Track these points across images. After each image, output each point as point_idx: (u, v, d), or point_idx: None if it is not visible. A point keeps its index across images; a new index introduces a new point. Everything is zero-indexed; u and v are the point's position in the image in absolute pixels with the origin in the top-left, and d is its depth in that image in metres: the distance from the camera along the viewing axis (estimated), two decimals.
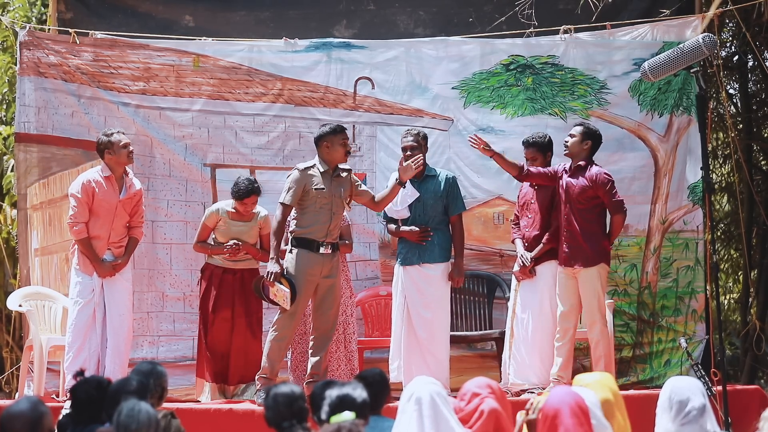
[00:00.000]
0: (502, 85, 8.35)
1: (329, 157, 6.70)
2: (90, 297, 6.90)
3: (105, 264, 6.92)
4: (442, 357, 6.94)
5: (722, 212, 11.82)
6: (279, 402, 3.99)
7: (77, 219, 6.90)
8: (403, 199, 7.01)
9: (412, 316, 6.95)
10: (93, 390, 4.28)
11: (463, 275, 7.04)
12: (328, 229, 6.66)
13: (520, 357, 7.05)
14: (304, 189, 6.61)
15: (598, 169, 6.95)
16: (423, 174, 7.03)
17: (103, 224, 6.94)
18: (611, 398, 4.37)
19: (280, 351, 6.64)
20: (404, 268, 7.03)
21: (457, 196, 7.09)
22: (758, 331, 8.84)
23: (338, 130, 6.73)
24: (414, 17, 8.74)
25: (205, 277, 7.26)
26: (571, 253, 6.90)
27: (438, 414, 4.12)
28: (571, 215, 6.92)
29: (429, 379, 4.29)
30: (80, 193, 6.89)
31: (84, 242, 6.90)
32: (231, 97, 8.36)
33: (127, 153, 6.91)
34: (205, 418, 6.55)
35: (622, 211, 6.93)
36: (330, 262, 6.68)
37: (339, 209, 6.73)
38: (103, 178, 6.92)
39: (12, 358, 9.87)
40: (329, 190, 6.65)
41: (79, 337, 6.87)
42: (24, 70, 8.13)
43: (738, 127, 10.51)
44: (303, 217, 6.66)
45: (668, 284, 8.15)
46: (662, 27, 8.26)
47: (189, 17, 8.70)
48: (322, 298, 6.68)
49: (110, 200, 6.93)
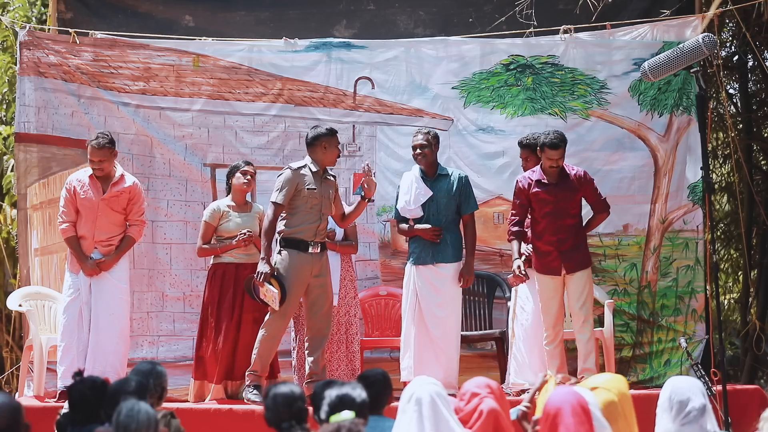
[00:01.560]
0: (502, 85, 8.35)
1: (323, 158, 6.73)
2: (76, 295, 6.93)
3: (89, 262, 6.95)
4: (454, 356, 6.97)
5: (722, 212, 11.82)
6: (279, 402, 3.98)
7: (63, 218, 7.04)
8: (416, 198, 7.04)
9: (425, 315, 6.96)
10: (88, 390, 4.27)
11: (473, 274, 7.06)
12: (317, 230, 6.69)
13: (521, 357, 7.07)
14: (296, 189, 6.63)
15: (579, 170, 6.98)
16: (435, 173, 7.07)
17: (86, 223, 7.00)
18: (615, 400, 4.36)
19: (270, 350, 6.68)
20: (417, 267, 7.04)
21: (469, 195, 7.11)
22: (758, 331, 8.84)
23: (334, 133, 6.81)
24: (414, 17, 8.74)
25: (218, 276, 7.17)
26: (566, 258, 6.88)
27: (438, 414, 4.11)
28: (562, 222, 6.91)
29: (429, 380, 4.29)
30: (65, 192, 7.04)
31: (70, 241, 6.99)
32: (231, 97, 8.36)
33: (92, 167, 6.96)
34: (205, 418, 6.56)
35: (608, 210, 7.03)
36: (320, 262, 6.70)
37: (328, 210, 6.78)
38: (88, 177, 7.02)
39: (12, 358, 9.87)
40: (320, 191, 6.68)
41: (66, 335, 6.92)
42: (24, 70, 8.13)
43: (738, 127, 10.51)
44: (293, 217, 6.68)
45: (668, 284, 8.15)
46: (662, 27, 8.26)
47: (189, 17, 8.69)
48: (314, 298, 6.69)
49: (92, 199, 6.98)
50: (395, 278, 8.07)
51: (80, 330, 6.91)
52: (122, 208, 7.06)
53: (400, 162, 8.19)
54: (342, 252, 7.25)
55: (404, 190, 7.16)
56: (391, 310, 7.88)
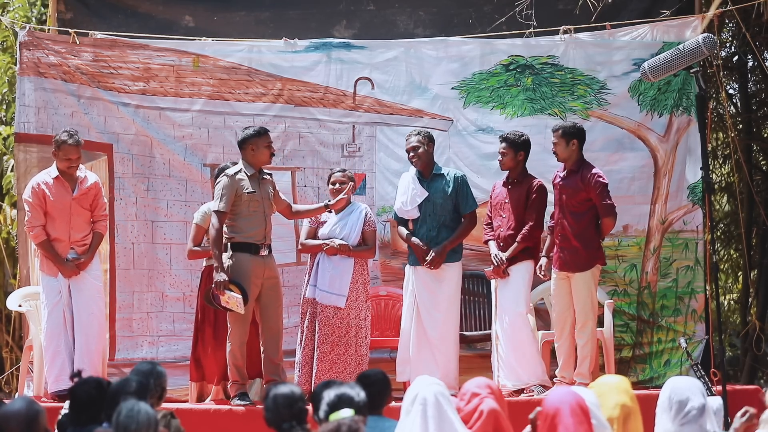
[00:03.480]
0: (501, 85, 8.35)
1: (254, 160, 6.78)
2: (58, 299, 6.93)
3: (68, 264, 6.95)
4: (451, 357, 6.98)
5: (722, 212, 11.82)
6: (279, 403, 3.98)
7: (33, 223, 6.97)
8: (412, 199, 7.08)
9: (422, 315, 6.98)
10: (93, 390, 4.28)
11: (442, 258, 7.03)
12: (265, 232, 6.75)
13: (506, 357, 7.05)
14: (236, 194, 6.66)
15: (593, 170, 6.96)
16: (431, 173, 7.12)
17: (60, 225, 6.98)
18: (629, 403, 4.36)
19: (242, 356, 6.72)
20: (415, 268, 7.07)
21: (466, 194, 7.14)
22: (758, 331, 8.85)
23: (262, 132, 6.82)
24: (414, 17, 8.74)
25: (211, 278, 7.15)
26: (565, 257, 6.92)
27: (442, 414, 4.12)
28: (564, 219, 6.95)
29: (432, 380, 4.29)
30: (31, 197, 6.96)
31: (44, 245, 6.94)
32: (231, 97, 8.36)
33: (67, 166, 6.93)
34: (205, 418, 6.56)
35: (612, 215, 6.96)
36: (270, 263, 6.78)
37: (270, 210, 6.83)
38: (53, 179, 6.97)
39: (12, 358, 9.88)
40: (260, 193, 6.74)
41: (53, 341, 6.90)
42: (24, 70, 8.12)
43: (738, 127, 10.52)
44: (238, 222, 6.71)
45: (668, 284, 8.15)
46: (662, 27, 8.26)
47: (189, 17, 8.69)
48: (267, 300, 6.75)
49: (63, 200, 6.97)
50: (395, 278, 8.08)
51: (66, 333, 6.91)
52: (89, 205, 7.09)
53: (400, 162, 8.19)
54: (359, 257, 7.18)
55: (401, 190, 7.20)
56: (391, 310, 7.88)
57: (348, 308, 7.06)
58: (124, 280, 8.12)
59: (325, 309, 7.05)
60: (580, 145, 7.02)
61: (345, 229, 7.16)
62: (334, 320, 7.03)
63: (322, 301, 7.05)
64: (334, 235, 7.16)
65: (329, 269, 7.07)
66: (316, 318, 7.07)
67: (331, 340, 7.01)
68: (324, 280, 7.07)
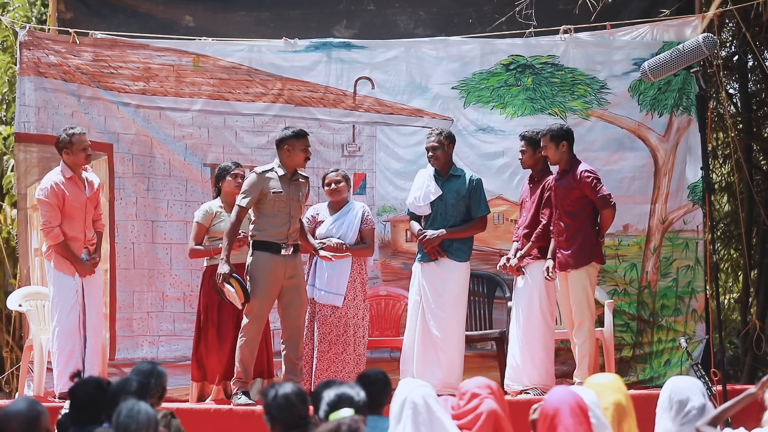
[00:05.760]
0: (502, 85, 8.35)
1: (288, 161, 6.71)
2: (75, 299, 6.93)
3: (86, 263, 6.96)
4: (455, 357, 6.96)
5: (722, 212, 11.82)
6: (279, 403, 3.98)
7: (52, 223, 6.91)
8: (425, 196, 7.08)
9: (427, 315, 6.97)
10: (93, 390, 4.28)
11: (437, 242, 6.96)
12: (287, 233, 6.67)
13: (515, 359, 7.05)
14: (261, 192, 6.62)
15: (581, 167, 6.93)
16: (448, 173, 7.10)
17: (77, 225, 6.98)
18: (623, 401, 4.36)
19: (251, 355, 6.67)
20: (423, 265, 7.06)
21: (480, 198, 7.11)
22: (758, 331, 8.84)
23: (301, 135, 6.73)
24: (414, 17, 8.74)
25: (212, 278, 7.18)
26: (562, 257, 6.92)
27: (433, 416, 4.12)
28: (561, 220, 6.94)
29: (417, 382, 4.29)
30: (50, 197, 6.90)
31: (62, 245, 6.91)
32: (231, 97, 8.36)
33: (84, 156, 6.95)
34: (205, 418, 6.56)
35: (609, 205, 6.88)
36: (293, 263, 6.70)
37: (297, 213, 6.76)
38: (67, 179, 6.95)
39: (12, 358, 9.88)
40: (287, 194, 6.66)
41: (69, 341, 6.88)
42: (24, 70, 8.13)
43: (738, 127, 10.51)
44: (262, 220, 6.68)
45: (668, 284, 8.15)
46: (662, 27, 8.26)
47: (189, 17, 8.70)
48: (289, 300, 6.69)
49: (79, 200, 6.98)
50: (395, 278, 8.09)
51: (80, 333, 6.92)
52: (95, 205, 7.14)
53: (400, 162, 8.21)
54: (357, 255, 7.19)
55: (416, 185, 7.18)
56: (391, 310, 7.88)
57: (346, 307, 7.07)
58: (125, 279, 8.12)
59: (323, 308, 7.06)
60: (570, 146, 6.99)
61: (342, 228, 7.17)
62: (332, 319, 7.04)
63: (320, 300, 7.06)
64: (330, 234, 7.16)
65: (327, 268, 7.08)
66: (314, 317, 7.08)
67: (328, 339, 7.01)
68: (322, 279, 7.08)
